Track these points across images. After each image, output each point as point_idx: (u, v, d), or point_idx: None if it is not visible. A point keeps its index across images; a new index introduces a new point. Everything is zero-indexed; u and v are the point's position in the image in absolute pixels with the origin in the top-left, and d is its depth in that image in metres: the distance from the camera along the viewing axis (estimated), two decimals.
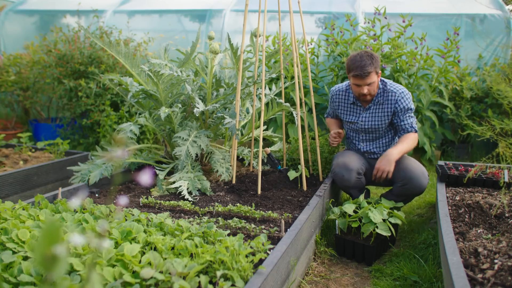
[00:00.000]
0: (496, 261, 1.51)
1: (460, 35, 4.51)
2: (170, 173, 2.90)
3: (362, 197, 2.41)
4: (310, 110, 4.22)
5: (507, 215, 2.03)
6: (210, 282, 1.38)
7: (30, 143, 4.12)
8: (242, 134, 3.22)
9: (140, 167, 3.11)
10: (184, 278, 1.31)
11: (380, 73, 2.59)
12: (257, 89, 2.96)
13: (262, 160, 3.27)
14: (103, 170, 2.68)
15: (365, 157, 2.84)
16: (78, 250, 1.39)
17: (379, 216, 2.18)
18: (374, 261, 2.27)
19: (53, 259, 0.62)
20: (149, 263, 1.35)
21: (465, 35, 4.83)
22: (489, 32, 4.77)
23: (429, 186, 3.51)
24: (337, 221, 2.30)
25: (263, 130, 3.59)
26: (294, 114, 2.86)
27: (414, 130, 2.69)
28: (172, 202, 2.34)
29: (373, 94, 2.64)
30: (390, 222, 2.23)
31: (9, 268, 1.34)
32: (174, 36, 5.54)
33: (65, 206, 1.95)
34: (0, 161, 3.41)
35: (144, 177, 0.82)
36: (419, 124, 4.13)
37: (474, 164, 2.81)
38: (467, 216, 2.09)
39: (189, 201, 2.42)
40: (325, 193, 2.51)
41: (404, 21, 4.12)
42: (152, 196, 2.56)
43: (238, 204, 2.26)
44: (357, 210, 2.32)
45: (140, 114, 3.10)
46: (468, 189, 2.51)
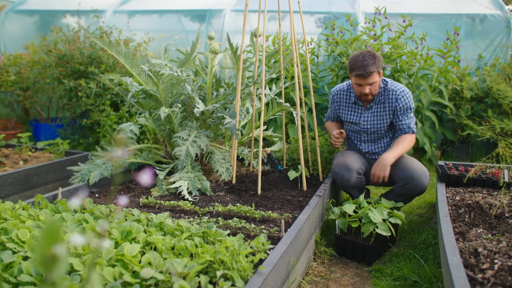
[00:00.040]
0: (496, 261, 1.51)
1: (460, 35, 4.51)
2: (170, 173, 2.90)
3: (362, 197, 2.41)
4: (310, 110, 4.22)
5: (507, 215, 2.03)
6: (210, 282, 1.38)
7: (30, 143, 4.12)
8: (242, 134, 3.22)
9: (140, 167, 3.11)
10: (184, 278, 1.31)
11: (382, 73, 2.59)
12: (257, 89, 2.96)
13: (262, 160, 3.27)
14: (103, 170, 2.68)
15: (366, 157, 2.84)
16: (78, 250, 1.39)
17: (379, 216, 2.18)
18: (374, 261, 2.27)
19: (53, 259, 0.62)
20: (149, 263, 1.35)
21: (465, 35, 4.83)
22: (489, 32, 4.77)
23: (429, 186, 3.51)
24: (337, 221, 2.30)
25: (263, 130, 3.59)
26: (294, 114, 2.86)
27: (411, 131, 2.69)
28: (172, 202, 2.35)
29: (374, 94, 2.64)
30: (390, 222, 2.23)
31: (9, 268, 1.34)
32: (174, 36, 5.54)
33: (65, 206, 1.95)
34: (0, 161, 3.42)
35: (144, 177, 0.82)
36: (419, 124, 4.13)
37: (474, 164, 2.81)
38: (467, 216, 2.09)
39: (189, 201, 2.42)
40: (325, 193, 2.51)
41: (404, 21, 4.12)
42: (152, 196, 2.56)
43: (238, 204, 2.26)
44: (357, 210, 2.32)
45: (140, 114, 3.10)
46: (468, 189, 2.51)
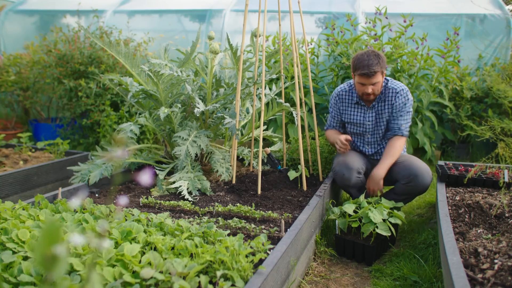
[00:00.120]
0: (496, 261, 1.51)
1: (460, 35, 4.51)
2: (170, 173, 2.90)
3: (362, 197, 2.41)
4: (310, 110, 4.22)
5: (507, 215, 2.03)
6: (210, 282, 1.38)
7: (30, 143, 4.12)
8: (242, 134, 3.22)
9: (140, 167, 3.11)
10: (184, 278, 1.31)
11: (385, 73, 2.60)
12: (257, 89, 2.96)
13: (262, 160, 3.27)
14: (103, 170, 2.68)
15: (367, 158, 2.84)
16: (78, 250, 1.39)
17: (379, 216, 2.18)
18: (374, 261, 2.27)
19: (53, 259, 0.62)
20: (149, 263, 1.35)
21: (465, 35, 4.83)
22: (489, 32, 4.77)
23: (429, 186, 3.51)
24: (337, 221, 2.30)
25: (263, 130, 3.59)
26: (294, 114, 2.86)
27: (400, 133, 2.66)
28: (172, 202, 2.34)
29: (376, 94, 2.64)
30: (390, 222, 2.23)
31: (9, 268, 1.34)
32: (174, 36, 5.54)
33: (65, 206, 1.95)
34: (0, 161, 3.42)
35: (144, 177, 0.82)
36: (420, 124, 4.13)
37: (474, 164, 2.82)
38: (467, 216, 2.09)
39: (189, 201, 2.42)
40: (325, 193, 2.51)
41: (405, 21, 4.12)
42: (152, 196, 2.56)
43: (238, 204, 2.26)
44: (357, 210, 2.31)
45: (140, 114, 3.10)
46: (468, 189, 2.51)
